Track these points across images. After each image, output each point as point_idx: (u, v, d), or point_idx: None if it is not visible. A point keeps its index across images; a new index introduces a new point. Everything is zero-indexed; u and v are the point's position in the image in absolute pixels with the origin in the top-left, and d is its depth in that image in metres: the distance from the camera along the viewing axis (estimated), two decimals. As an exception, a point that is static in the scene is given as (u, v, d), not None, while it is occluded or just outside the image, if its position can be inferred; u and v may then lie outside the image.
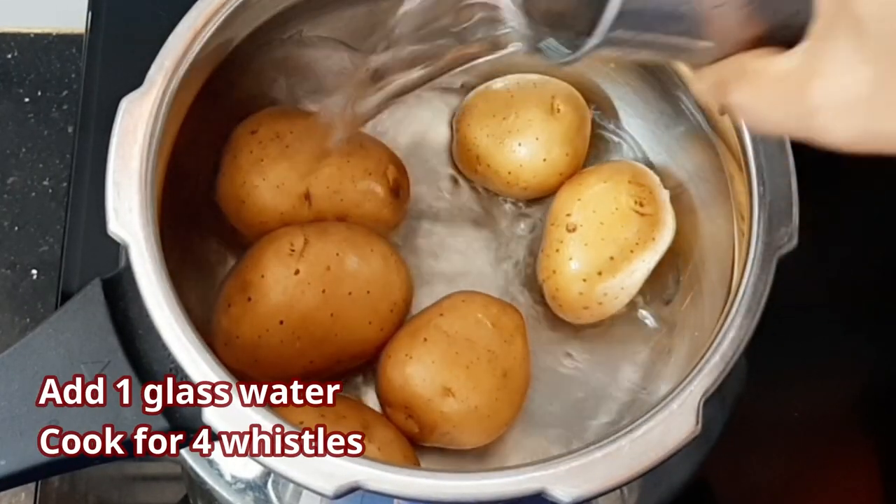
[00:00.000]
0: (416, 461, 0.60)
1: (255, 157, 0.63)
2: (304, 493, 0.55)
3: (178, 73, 0.55)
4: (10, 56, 0.84)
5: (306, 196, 0.63)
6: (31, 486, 0.68)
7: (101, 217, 0.52)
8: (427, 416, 0.60)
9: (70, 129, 0.80)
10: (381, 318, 0.62)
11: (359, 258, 0.61)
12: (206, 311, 0.61)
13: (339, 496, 0.47)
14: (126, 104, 0.54)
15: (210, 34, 0.56)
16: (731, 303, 0.52)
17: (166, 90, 0.54)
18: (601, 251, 0.63)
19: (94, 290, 0.52)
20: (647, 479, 0.49)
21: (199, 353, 0.49)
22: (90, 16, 0.79)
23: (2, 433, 0.50)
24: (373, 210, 0.65)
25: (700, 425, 0.49)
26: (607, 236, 0.63)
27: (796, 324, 0.69)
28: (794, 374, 0.70)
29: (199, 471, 0.58)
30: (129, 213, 0.51)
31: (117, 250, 0.54)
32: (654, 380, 0.64)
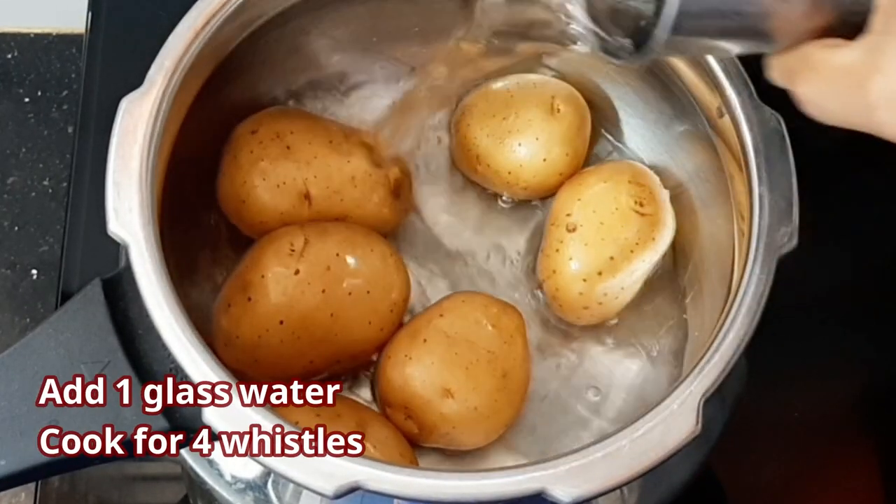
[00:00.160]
0: (413, 459, 0.60)
1: (255, 157, 0.63)
2: (304, 493, 0.55)
3: (178, 73, 0.55)
4: (10, 56, 0.84)
5: (306, 196, 0.63)
6: (31, 486, 0.68)
7: (101, 217, 0.52)
8: (426, 417, 0.60)
9: (70, 129, 0.80)
10: (380, 318, 0.62)
11: (359, 258, 0.61)
12: (206, 311, 0.61)
13: (339, 496, 0.47)
14: (126, 104, 0.53)
15: (210, 34, 0.56)
16: (731, 303, 0.52)
17: (166, 90, 0.54)
18: (601, 251, 0.63)
19: (94, 290, 0.52)
20: (647, 479, 0.49)
21: (199, 353, 0.49)
22: (90, 16, 0.79)
23: (2, 433, 0.50)
24: (373, 210, 0.65)
25: (700, 425, 0.49)
26: (607, 236, 0.63)
27: (796, 324, 0.69)
28: (794, 374, 0.70)
29: (199, 471, 0.58)
30: (129, 213, 0.51)
31: (117, 250, 0.54)
32: (655, 379, 0.64)
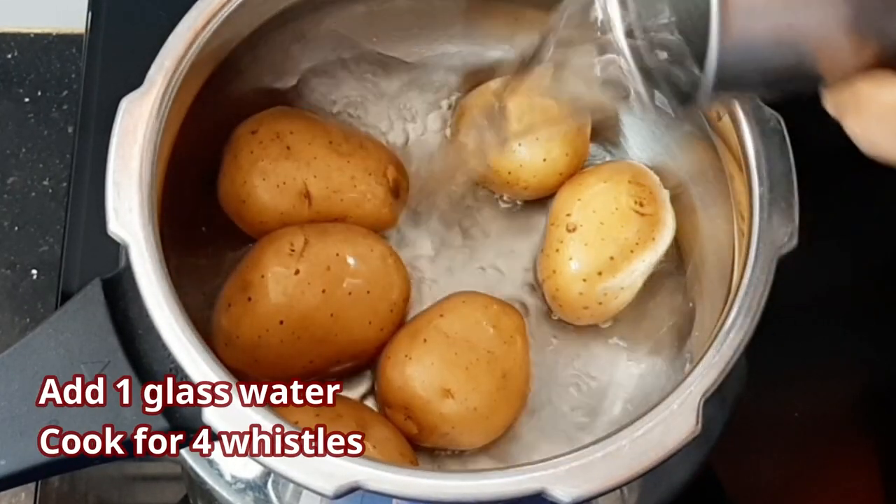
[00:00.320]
0: (413, 458, 0.60)
1: (255, 157, 0.63)
2: (304, 493, 0.55)
3: (178, 73, 0.55)
4: (10, 56, 0.84)
5: (306, 196, 0.63)
6: (31, 486, 0.68)
7: (101, 217, 0.52)
8: (426, 417, 0.60)
9: (70, 129, 0.80)
10: (380, 318, 0.62)
11: (359, 258, 0.61)
12: (206, 311, 0.61)
13: (339, 496, 0.47)
14: (126, 104, 0.53)
15: (210, 34, 0.56)
16: (731, 303, 0.52)
17: (166, 90, 0.54)
18: (601, 251, 0.63)
19: (94, 290, 0.52)
20: (647, 479, 0.49)
21: (199, 353, 0.49)
22: (90, 16, 0.79)
23: (2, 433, 0.50)
24: (373, 210, 0.65)
25: (700, 425, 0.49)
26: (607, 236, 0.63)
27: (796, 324, 0.69)
28: (794, 374, 0.70)
29: (199, 471, 0.58)
30: (129, 213, 0.51)
31: (117, 250, 0.54)
32: (655, 379, 0.64)
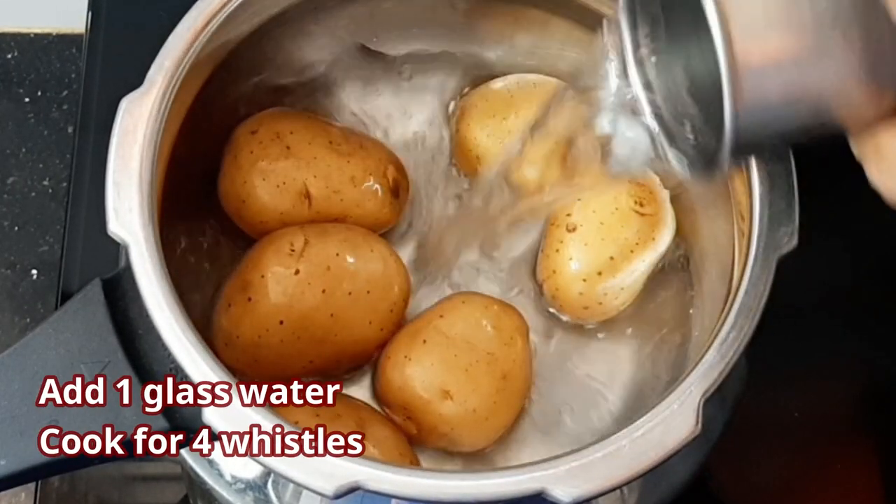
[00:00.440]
0: (413, 458, 0.60)
1: (255, 157, 0.63)
2: (304, 493, 0.55)
3: (178, 73, 0.55)
4: (10, 56, 0.84)
5: (306, 196, 0.63)
6: (31, 486, 0.68)
7: (101, 217, 0.51)
8: (425, 418, 0.60)
9: (70, 129, 0.80)
10: (380, 318, 0.62)
11: (359, 258, 0.61)
12: (206, 311, 0.61)
13: (339, 496, 0.47)
14: (126, 104, 0.53)
15: (210, 34, 0.56)
16: (731, 303, 0.52)
17: (166, 90, 0.54)
18: (601, 251, 0.63)
19: (94, 290, 0.52)
20: (647, 479, 0.49)
21: (199, 353, 0.49)
22: (90, 16, 0.79)
23: (2, 433, 0.50)
24: (373, 210, 0.65)
25: (700, 425, 0.49)
26: (607, 236, 0.63)
27: (796, 324, 0.69)
28: (794, 374, 0.70)
29: (199, 471, 0.58)
30: (129, 213, 0.51)
31: (117, 250, 0.54)
32: (655, 379, 0.64)
